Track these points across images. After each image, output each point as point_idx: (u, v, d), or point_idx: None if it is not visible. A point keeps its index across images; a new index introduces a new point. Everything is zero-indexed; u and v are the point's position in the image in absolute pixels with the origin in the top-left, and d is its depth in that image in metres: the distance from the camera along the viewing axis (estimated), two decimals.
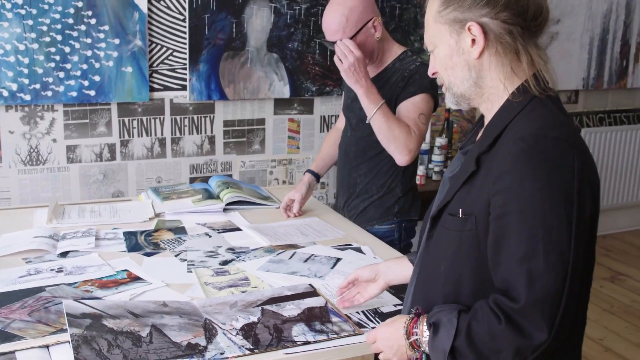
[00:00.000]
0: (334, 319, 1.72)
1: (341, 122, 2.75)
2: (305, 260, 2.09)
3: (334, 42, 2.32)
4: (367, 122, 2.29)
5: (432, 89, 2.35)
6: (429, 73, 1.44)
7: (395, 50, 2.45)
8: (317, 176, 2.67)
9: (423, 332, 1.32)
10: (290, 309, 1.75)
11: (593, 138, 4.79)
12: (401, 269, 1.71)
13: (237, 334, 1.62)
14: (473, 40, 1.31)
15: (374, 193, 2.48)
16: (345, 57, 2.24)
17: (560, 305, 1.18)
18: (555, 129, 1.25)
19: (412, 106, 2.33)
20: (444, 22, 1.34)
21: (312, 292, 1.85)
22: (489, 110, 1.37)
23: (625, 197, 5.07)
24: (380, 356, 1.45)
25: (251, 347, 1.57)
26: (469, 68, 1.34)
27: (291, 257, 2.12)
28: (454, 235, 1.32)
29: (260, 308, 1.75)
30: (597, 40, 4.66)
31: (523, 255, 1.20)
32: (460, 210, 1.31)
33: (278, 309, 1.75)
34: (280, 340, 1.61)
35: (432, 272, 1.39)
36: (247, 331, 1.63)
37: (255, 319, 1.69)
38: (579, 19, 4.54)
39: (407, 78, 2.34)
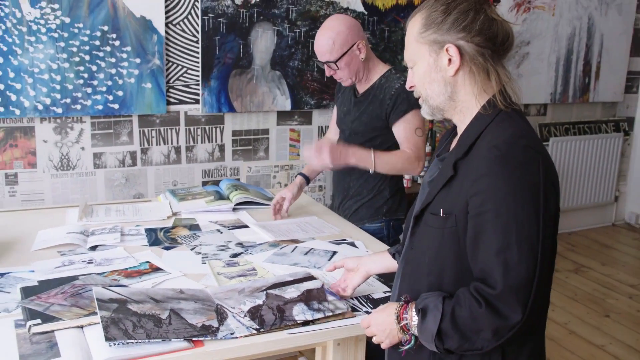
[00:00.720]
0: (330, 297, 1.75)
1: (330, 133, 2.77)
2: (306, 253, 2.12)
3: (323, 63, 2.37)
4: (371, 172, 2.32)
5: (419, 103, 2.37)
6: (407, 87, 1.47)
7: (381, 68, 2.46)
8: (307, 179, 2.66)
9: (412, 317, 1.34)
10: (291, 292, 1.78)
11: (560, 146, 4.81)
12: (381, 260, 1.75)
13: (245, 316, 1.64)
14: (450, 60, 1.34)
15: (365, 195, 2.51)
16: (322, 158, 2.22)
17: (532, 290, 1.23)
18: (523, 138, 1.29)
19: (407, 124, 2.36)
20: (424, 42, 1.37)
21: (311, 277, 1.87)
22: (461, 121, 1.40)
23: (588, 199, 5.09)
24: (373, 339, 1.47)
25: (257, 327, 1.60)
26: (445, 84, 1.37)
27: (293, 250, 2.15)
28: (436, 232, 1.35)
29: (264, 292, 1.77)
30: (562, 60, 4.69)
31: (499, 248, 1.24)
32: (441, 210, 1.33)
33: (280, 292, 1.77)
34: (282, 319, 1.64)
35: (416, 264, 1.41)
36: (254, 313, 1.66)
37: (260, 302, 1.71)
38: (547, 41, 4.58)
39: (394, 97, 2.36)
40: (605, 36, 4.83)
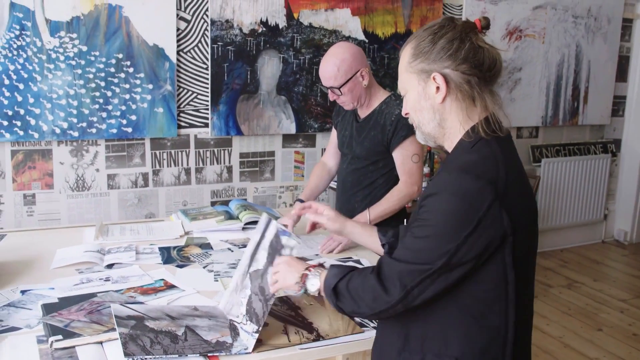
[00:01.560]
0: (284, 239, 1.64)
1: (327, 157, 2.75)
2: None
3: (328, 88, 2.38)
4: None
5: None
6: (403, 113, 1.46)
7: (382, 94, 2.47)
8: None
9: (315, 273, 1.47)
10: (262, 257, 1.68)
11: (551, 167, 4.82)
12: (369, 235, 1.78)
13: (247, 321, 1.61)
14: (437, 88, 1.33)
15: None
16: (338, 242, 2.31)
17: (416, 279, 1.27)
18: (480, 167, 1.28)
19: (404, 151, 2.37)
20: (413, 71, 1.36)
21: (266, 225, 1.74)
22: (450, 147, 1.39)
23: (578, 217, 5.09)
24: (272, 277, 1.58)
25: (256, 327, 1.57)
26: (434, 111, 1.36)
27: None
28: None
29: (248, 275, 1.70)
30: (552, 85, 4.72)
31: (414, 237, 1.30)
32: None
33: (256, 265, 1.69)
34: (266, 300, 1.60)
35: None
36: (249, 310, 1.63)
37: (249, 291, 1.66)
38: (538, 67, 4.61)
39: (395, 123, 2.36)
40: (593, 63, 4.85)
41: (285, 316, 1.75)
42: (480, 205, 1.24)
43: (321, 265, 1.51)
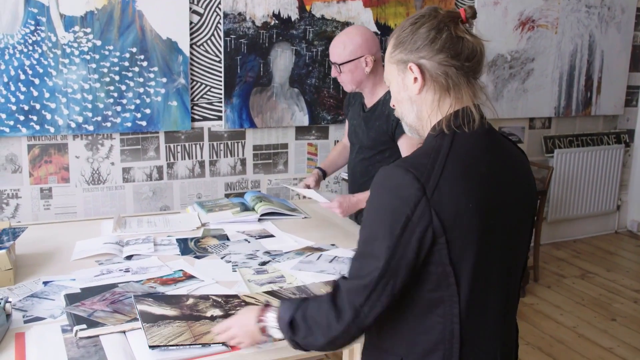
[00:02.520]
0: None
1: (346, 139, 2.84)
2: (330, 261, 2.12)
3: (332, 63, 2.43)
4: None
5: None
6: (391, 104, 1.43)
7: (386, 85, 2.49)
8: (324, 172, 2.77)
9: (268, 318, 1.40)
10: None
11: (564, 158, 4.81)
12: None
13: None
14: (415, 79, 1.30)
15: None
16: (336, 213, 2.37)
17: (367, 299, 1.23)
18: (414, 163, 1.24)
19: (409, 140, 2.35)
20: (393, 62, 1.34)
21: None
22: None
23: (592, 207, 5.08)
24: (232, 342, 1.50)
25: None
26: (411, 102, 1.33)
27: (318, 258, 2.15)
28: None
29: None
30: (565, 76, 4.70)
31: (356, 252, 1.28)
32: None
33: None
34: None
35: None
36: None
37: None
38: (550, 57, 4.59)
39: None
40: (606, 53, 4.83)
41: None
42: (409, 200, 1.20)
43: (267, 306, 1.44)
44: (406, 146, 2.40)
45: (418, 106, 1.33)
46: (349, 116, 2.67)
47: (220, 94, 3.51)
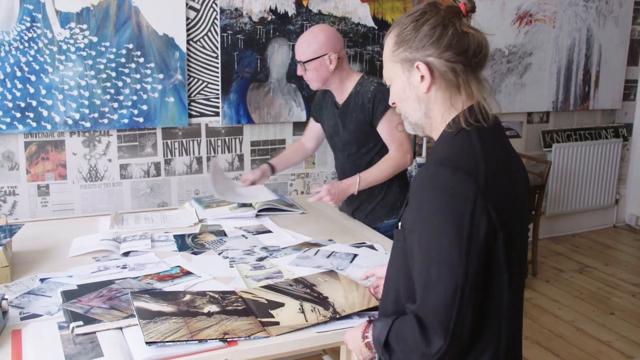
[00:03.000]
0: None
1: (305, 139, 2.88)
2: (328, 256, 2.12)
3: (298, 61, 2.45)
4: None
5: None
6: (390, 103, 1.41)
7: (354, 77, 2.50)
8: (272, 169, 2.79)
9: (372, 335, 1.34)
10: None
11: (562, 152, 4.81)
12: None
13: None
14: (422, 77, 1.28)
15: (377, 195, 2.51)
16: (328, 202, 2.37)
17: (453, 313, 1.17)
18: (460, 160, 1.22)
19: (388, 123, 2.41)
20: (396, 60, 1.31)
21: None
22: (437, 137, 1.34)
23: (590, 202, 5.08)
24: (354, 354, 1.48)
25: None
26: (419, 101, 1.31)
27: (316, 253, 2.15)
28: (396, 245, 1.36)
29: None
30: (563, 70, 4.70)
31: (421, 267, 1.20)
32: (400, 223, 1.34)
33: None
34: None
35: (388, 273, 1.41)
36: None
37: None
38: (548, 52, 4.59)
39: (372, 99, 2.40)
40: (604, 47, 4.83)
41: (301, 294, 1.77)
42: (465, 199, 1.17)
43: (371, 321, 1.40)
44: (387, 130, 2.43)
45: (426, 104, 1.31)
46: (324, 119, 2.67)
47: (218, 89, 3.50)
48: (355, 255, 2.14)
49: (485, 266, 1.21)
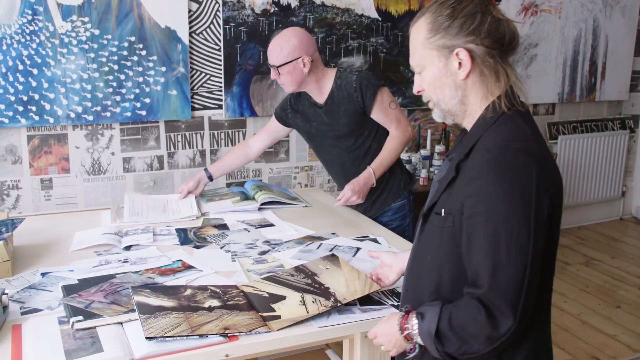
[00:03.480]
0: None
1: (255, 139, 2.78)
2: (331, 250, 2.11)
3: (270, 65, 2.41)
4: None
5: (380, 81, 2.46)
6: (414, 91, 1.40)
7: (330, 74, 2.47)
8: (210, 177, 2.73)
9: (413, 325, 1.31)
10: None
11: (568, 144, 4.77)
12: None
13: None
14: (460, 64, 1.28)
15: (381, 181, 2.47)
16: (355, 201, 2.33)
17: (522, 293, 1.18)
18: (517, 141, 1.23)
19: (380, 105, 2.41)
20: (432, 47, 1.30)
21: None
22: (470, 124, 1.35)
23: (596, 194, 5.05)
24: (382, 348, 1.44)
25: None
26: (456, 87, 1.31)
27: (318, 247, 2.14)
28: (438, 231, 1.32)
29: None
30: (569, 61, 4.66)
31: (488, 251, 1.20)
32: (443, 210, 1.31)
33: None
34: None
35: (421, 261, 1.39)
36: None
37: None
38: (554, 43, 4.55)
39: (358, 88, 2.39)
40: (610, 37, 4.78)
41: (302, 285, 1.75)
42: (530, 179, 1.19)
43: (408, 312, 1.36)
44: (381, 112, 2.43)
45: (463, 91, 1.31)
46: (299, 122, 2.60)
47: (220, 82, 3.48)
48: (358, 249, 2.12)
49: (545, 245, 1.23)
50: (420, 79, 1.37)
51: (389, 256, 1.77)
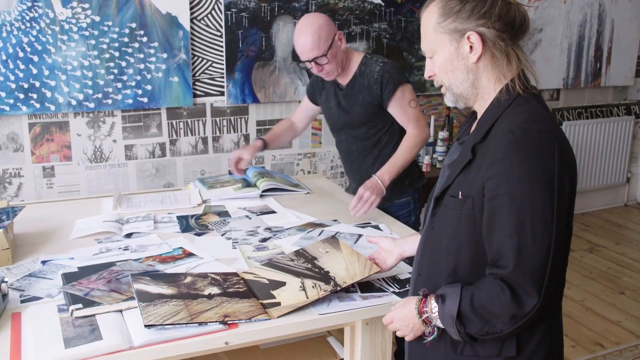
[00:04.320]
0: None
1: (296, 118, 2.79)
2: (332, 237, 2.10)
3: (311, 61, 2.31)
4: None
5: (404, 77, 2.38)
6: (426, 76, 1.42)
7: (357, 57, 2.42)
8: (265, 145, 2.69)
9: (432, 309, 1.31)
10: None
11: (573, 130, 4.74)
12: (414, 241, 1.68)
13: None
14: (471, 47, 1.29)
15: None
16: (374, 200, 2.25)
17: (546, 271, 1.20)
18: (538, 123, 1.24)
19: (399, 101, 2.35)
20: (443, 31, 1.32)
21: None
22: (482, 107, 1.35)
23: (601, 180, 5.02)
24: (397, 333, 1.44)
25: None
26: (467, 71, 1.32)
27: (320, 234, 2.12)
28: (455, 214, 1.32)
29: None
30: (574, 46, 4.61)
31: (512, 230, 1.20)
32: (460, 192, 1.30)
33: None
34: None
35: (436, 244, 1.38)
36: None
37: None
38: (559, 28, 4.50)
39: (379, 80, 2.33)
40: (616, 22, 4.72)
41: (302, 270, 1.74)
42: (552, 159, 1.21)
43: (426, 296, 1.36)
44: (399, 109, 2.37)
45: (475, 74, 1.32)
46: (323, 100, 2.58)
47: (222, 69, 3.46)
48: (360, 236, 2.10)
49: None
50: (431, 64, 1.38)
51: (387, 242, 1.76)
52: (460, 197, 1.30)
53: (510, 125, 1.25)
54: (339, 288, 1.64)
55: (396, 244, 1.74)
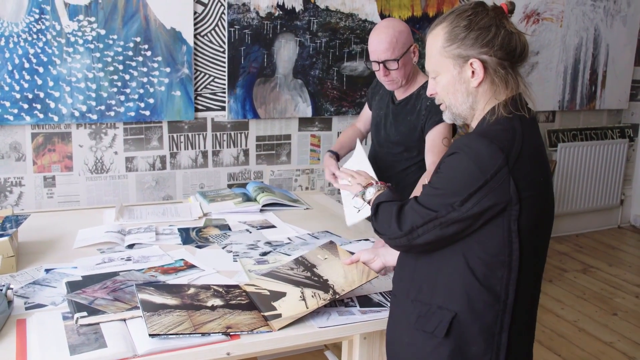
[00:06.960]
0: None
1: (359, 124, 2.76)
2: (330, 242, 2.12)
3: (380, 62, 2.27)
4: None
5: None
6: (428, 93, 1.51)
7: (421, 79, 2.40)
8: (337, 156, 2.58)
9: (378, 187, 1.68)
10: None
11: (567, 151, 4.79)
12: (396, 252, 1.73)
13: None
14: (473, 72, 1.39)
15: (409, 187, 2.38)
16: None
17: (426, 225, 1.38)
18: (497, 136, 1.34)
19: (438, 134, 2.30)
20: (448, 55, 1.41)
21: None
22: (475, 125, 1.46)
23: (595, 202, 5.07)
24: (341, 182, 1.85)
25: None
26: (468, 94, 1.42)
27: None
28: None
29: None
30: (570, 69, 4.68)
31: (432, 184, 1.41)
32: None
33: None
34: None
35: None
36: None
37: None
38: (555, 51, 4.57)
39: (429, 108, 2.29)
40: (611, 46, 4.81)
41: (302, 279, 1.77)
42: (489, 168, 1.31)
43: (387, 186, 1.68)
44: (432, 140, 2.31)
45: (474, 97, 1.42)
46: (375, 106, 2.58)
47: (224, 84, 3.50)
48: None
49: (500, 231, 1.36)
50: (434, 83, 1.47)
51: (367, 254, 1.80)
52: None
53: (476, 131, 1.40)
54: (337, 297, 1.67)
55: (377, 253, 1.79)
